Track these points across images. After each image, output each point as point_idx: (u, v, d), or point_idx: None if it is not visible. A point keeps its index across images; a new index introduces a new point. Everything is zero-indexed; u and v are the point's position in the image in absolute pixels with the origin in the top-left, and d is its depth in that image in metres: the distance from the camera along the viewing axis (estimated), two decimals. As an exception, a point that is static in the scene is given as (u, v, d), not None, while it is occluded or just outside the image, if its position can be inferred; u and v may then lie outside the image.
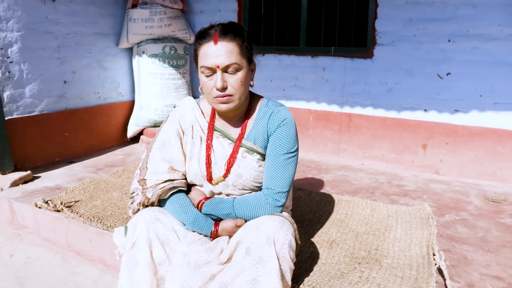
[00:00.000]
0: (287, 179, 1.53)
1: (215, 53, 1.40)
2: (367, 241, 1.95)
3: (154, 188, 1.56)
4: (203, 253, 1.42)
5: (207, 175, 1.57)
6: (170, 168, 1.59)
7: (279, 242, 1.36)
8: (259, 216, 1.49)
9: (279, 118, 1.54)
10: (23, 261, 2.26)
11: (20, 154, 2.91)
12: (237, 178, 1.55)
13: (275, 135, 1.54)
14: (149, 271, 1.45)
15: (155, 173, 1.57)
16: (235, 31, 1.45)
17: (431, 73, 2.95)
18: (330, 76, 3.34)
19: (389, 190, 2.71)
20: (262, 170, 1.56)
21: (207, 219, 1.51)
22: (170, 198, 1.57)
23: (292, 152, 1.55)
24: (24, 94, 2.91)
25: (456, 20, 2.80)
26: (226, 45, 1.41)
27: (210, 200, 1.56)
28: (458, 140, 2.94)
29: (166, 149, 1.60)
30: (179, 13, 3.71)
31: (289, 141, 1.54)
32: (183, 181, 1.60)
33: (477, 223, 2.22)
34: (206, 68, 1.43)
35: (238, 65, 1.42)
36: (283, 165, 1.52)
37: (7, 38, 2.75)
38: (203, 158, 1.58)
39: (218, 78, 1.41)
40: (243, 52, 1.44)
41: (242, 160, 1.55)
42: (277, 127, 1.54)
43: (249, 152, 1.56)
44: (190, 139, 1.60)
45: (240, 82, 1.45)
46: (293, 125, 1.57)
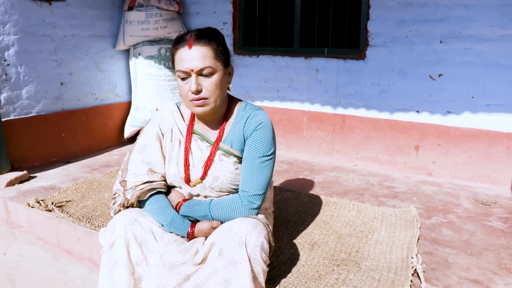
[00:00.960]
0: (263, 182, 1.55)
1: (189, 57, 1.45)
2: (349, 243, 1.96)
3: (134, 190, 1.59)
4: (178, 254, 1.45)
5: (185, 177, 1.60)
6: (149, 170, 1.62)
7: (250, 244, 1.38)
8: (234, 218, 1.52)
9: (255, 122, 1.57)
10: (16, 259, 2.32)
11: (17, 155, 2.98)
12: (214, 180, 1.58)
13: (251, 139, 1.57)
14: (127, 271, 1.49)
15: (135, 174, 1.61)
16: (210, 36, 1.49)
17: (423, 74, 2.94)
18: (324, 77, 3.35)
19: (378, 192, 2.72)
20: (239, 173, 1.58)
21: (184, 221, 1.54)
22: (149, 199, 1.60)
23: (268, 155, 1.57)
24: (21, 95, 2.98)
25: (448, 21, 2.79)
26: (200, 49, 1.44)
27: (187, 202, 1.59)
28: (450, 141, 2.93)
29: (146, 151, 1.64)
30: (175, 15, 3.75)
31: (265, 145, 1.56)
32: (162, 183, 1.64)
33: (464, 225, 2.22)
34: (181, 72, 1.47)
35: (212, 68, 1.45)
36: (258, 168, 1.55)
37: (4, 41, 2.82)
38: (181, 161, 1.61)
39: (193, 82, 1.45)
40: (217, 56, 1.47)
41: (219, 162, 1.58)
42: (253, 131, 1.56)
43: (225, 155, 1.59)
44: (169, 142, 1.64)
45: (215, 85, 1.48)
46: (269, 129, 1.59)
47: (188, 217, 1.57)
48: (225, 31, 3.74)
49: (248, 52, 3.68)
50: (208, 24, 3.76)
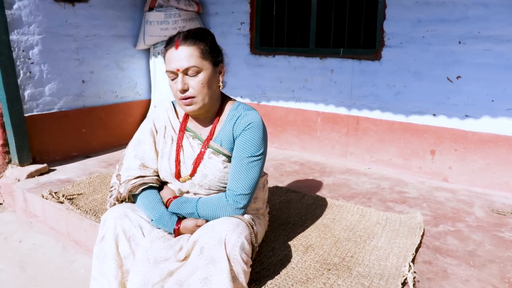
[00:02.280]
0: (250, 181, 1.56)
1: (175, 57, 1.49)
2: (345, 248, 1.93)
3: (126, 184, 1.66)
4: (163, 250, 1.48)
5: (175, 172, 1.64)
6: (141, 165, 1.68)
7: (230, 244, 1.39)
8: (219, 216, 1.54)
9: (245, 122, 1.58)
10: (29, 247, 2.46)
11: (39, 148, 3.14)
12: (203, 178, 1.60)
13: (240, 138, 1.58)
14: (115, 264, 1.54)
15: (127, 169, 1.68)
16: (197, 36, 1.53)
17: (440, 76, 2.83)
18: (338, 78, 3.29)
19: (387, 197, 2.64)
20: (228, 171, 1.60)
21: (172, 217, 1.58)
22: (141, 194, 1.66)
23: (257, 155, 1.58)
24: (44, 92, 3.14)
25: (467, 21, 2.66)
26: (186, 49, 1.48)
27: (177, 199, 1.62)
28: (468, 147, 2.80)
29: (140, 147, 1.70)
30: (194, 15, 3.81)
31: (254, 145, 1.57)
32: (155, 178, 1.68)
33: (471, 235, 2.12)
34: (169, 72, 1.53)
35: (197, 67, 1.49)
36: (246, 168, 1.56)
37: (29, 41, 2.98)
38: (173, 157, 1.65)
39: (179, 81, 1.50)
40: (204, 55, 1.50)
41: (208, 160, 1.60)
42: (242, 131, 1.57)
43: (215, 153, 1.61)
44: (162, 138, 1.69)
45: (201, 84, 1.50)
46: (259, 129, 1.60)
47: (178, 214, 1.61)
48: (242, 31, 3.76)
49: (264, 52, 3.69)
50: (226, 24, 3.85)
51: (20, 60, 2.94)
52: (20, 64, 2.94)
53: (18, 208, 2.84)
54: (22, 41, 2.94)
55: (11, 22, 2.84)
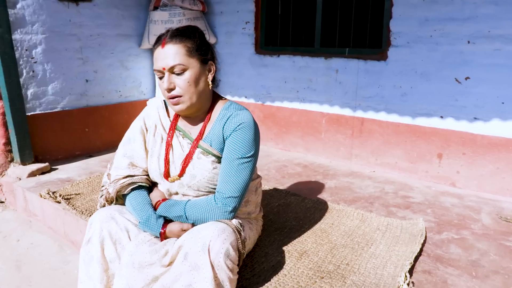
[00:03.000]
0: (240, 184, 1.51)
1: (162, 56, 1.46)
2: (341, 255, 1.86)
3: (115, 184, 1.63)
4: (147, 255, 1.45)
5: (164, 172, 1.60)
6: (130, 164, 1.65)
7: (214, 250, 1.34)
8: (208, 220, 1.50)
9: (235, 122, 1.54)
10: (27, 246, 2.46)
11: (42, 147, 3.15)
12: (191, 178, 1.56)
13: (230, 139, 1.54)
14: (100, 268, 1.51)
15: (116, 168, 1.66)
16: (184, 34, 1.50)
17: (448, 77, 2.73)
18: (343, 78, 3.21)
19: (391, 201, 2.56)
20: (217, 172, 1.56)
21: (158, 220, 1.54)
22: (129, 194, 1.63)
23: (247, 157, 1.53)
24: (47, 91, 3.15)
25: (477, 20, 2.56)
26: (172, 48, 1.46)
27: (165, 201, 1.58)
28: (477, 150, 2.69)
29: (129, 145, 1.67)
30: (199, 14, 3.78)
31: (244, 146, 1.52)
32: (144, 177, 1.65)
33: (476, 244, 2.02)
34: (156, 71, 1.50)
35: (183, 65, 1.46)
36: (236, 170, 1.51)
37: (32, 40, 2.99)
38: (162, 156, 1.62)
39: (165, 80, 1.47)
40: (190, 53, 1.47)
41: (197, 161, 1.56)
42: (233, 131, 1.53)
43: (204, 154, 1.57)
44: (152, 137, 1.66)
45: (187, 82, 1.47)
46: (250, 130, 1.55)
47: (166, 217, 1.57)
48: (247, 30, 3.72)
49: (269, 51, 3.63)
50: (231, 24, 3.80)
51: (23, 59, 2.95)
52: (23, 63, 2.96)
53: (18, 207, 2.85)
54: (26, 40, 2.95)
55: (15, 22, 2.86)
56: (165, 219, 1.54)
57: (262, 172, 3.11)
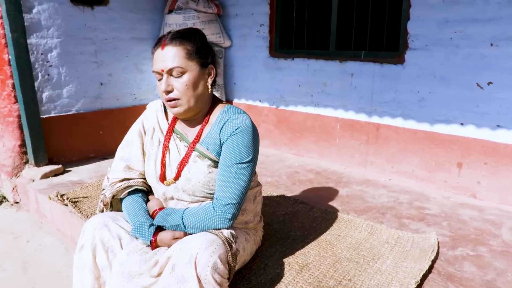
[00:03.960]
0: (238, 190, 1.47)
1: (161, 58, 1.45)
2: (344, 269, 1.77)
3: (112, 188, 1.62)
4: (137, 264, 1.42)
5: (160, 175, 1.58)
6: (127, 167, 1.65)
7: (201, 263, 1.29)
8: (207, 228, 1.46)
9: (232, 126, 1.49)
10: (35, 248, 2.49)
11: (57, 149, 3.20)
12: (187, 182, 1.53)
13: (227, 144, 1.50)
14: (91, 276, 1.49)
15: (113, 171, 1.66)
16: (184, 36, 1.47)
17: (469, 81, 2.57)
18: (359, 82, 3.10)
19: (404, 212, 2.43)
20: (213, 177, 1.52)
21: (151, 228, 1.50)
22: (125, 198, 1.62)
23: (245, 162, 1.48)
24: (62, 94, 3.20)
25: (500, 21, 2.40)
26: (171, 50, 1.44)
27: (162, 210, 1.55)
28: (499, 160, 2.52)
29: (127, 148, 1.67)
30: (213, 17, 3.76)
31: (242, 151, 1.48)
32: (140, 181, 1.64)
33: (493, 262, 1.88)
34: (155, 73, 1.49)
35: (182, 68, 1.43)
36: (234, 176, 1.47)
37: (47, 44, 3.04)
38: (159, 159, 1.60)
39: (163, 82, 1.46)
40: (190, 56, 1.45)
41: (193, 164, 1.53)
42: (230, 136, 1.49)
43: (200, 157, 1.54)
44: (149, 139, 1.65)
45: (186, 85, 1.45)
46: (248, 134, 1.50)
47: (163, 227, 1.53)
48: (262, 33, 3.66)
49: (283, 54, 3.56)
50: (246, 26, 3.76)
51: (38, 63, 3.00)
52: (39, 66, 3.01)
53: (31, 208, 2.90)
54: (41, 45, 3.01)
55: (30, 26, 2.91)
56: (157, 227, 1.51)
57: (272, 178, 3.04)
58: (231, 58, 3.98)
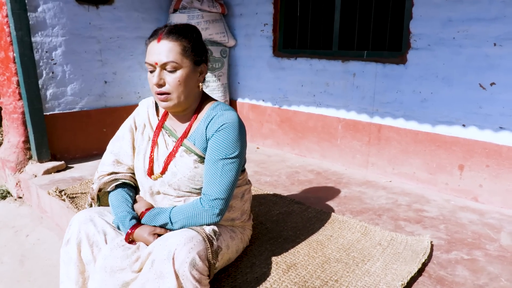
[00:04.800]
0: (225, 185, 1.48)
1: (156, 51, 1.45)
2: (332, 270, 1.74)
3: (99, 181, 1.65)
4: (119, 259, 1.43)
5: (148, 169, 1.60)
6: (115, 160, 1.68)
7: (179, 259, 1.30)
8: (196, 225, 1.48)
9: (219, 122, 1.51)
10: (34, 242, 2.54)
11: (60, 146, 3.26)
12: (173, 176, 1.55)
13: (213, 140, 1.51)
14: (76, 269, 1.52)
15: (102, 164, 1.70)
16: (181, 32, 1.48)
17: (472, 82, 2.51)
18: (361, 82, 3.06)
19: (401, 214, 2.39)
20: (199, 172, 1.54)
21: (132, 221, 1.51)
22: (112, 192, 1.64)
23: (231, 157, 1.49)
24: (66, 92, 3.25)
25: (504, 20, 2.33)
26: (167, 44, 1.45)
27: (150, 211, 1.55)
28: (502, 163, 2.45)
29: (118, 143, 1.70)
30: (218, 16, 3.76)
31: (228, 146, 1.49)
32: (128, 175, 1.67)
33: (488, 266, 1.83)
34: (148, 64, 1.49)
35: (177, 64, 1.44)
36: (221, 171, 1.48)
37: (52, 42, 3.10)
38: (148, 154, 1.63)
39: (155, 75, 1.47)
40: (185, 53, 1.46)
41: (179, 159, 1.55)
42: (216, 131, 1.50)
43: (187, 152, 1.56)
44: (140, 135, 1.67)
45: (178, 81, 1.46)
46: (234, 130, 1.51)
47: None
48: (266, 32, 3.65)
49: (287, 54, 3.54)
50: (250, 26, 3.76)
51: (43, 61, 3.06)
52: (43, 64, 3.07)
53: (33, 203, 2.96)
54: (46, 43, 3.06)
55: (35, 25, 2.97)
56: (139, 222, 1.52)
57: (272, 177, 3.03)
58: (235, 58, 3.99)
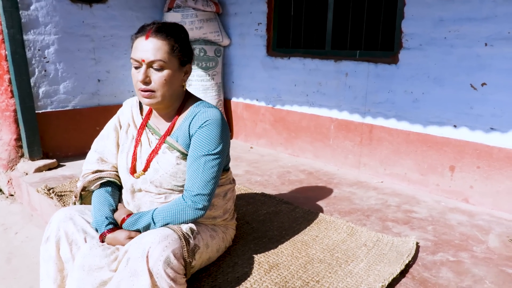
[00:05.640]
0: (207, 181, 1.49)
1: (143, 48, 1.44)
2: (315, 270, 1.73)
3: (84, 179, 1.65)
4: (97, 258, 1.42)
5: (131, 167, 1.60)
6: (100, 159, 1.68)
7: (153, 258, 1.29)
8: (181, 221, 1.48)
9: (202, 119, 1.51)
10: (22, 240, 2.54)
11: (52, 144, 3.26)
12: (155, 173, 1.54)
13: (196, 136, 1.51)
14: (54, 267, 1.51)
15: (86, 162, 1.70)
16: (170, 30, 1.47)
17: (463, 82, 2.49)
18: (353, 82, 3.04)
19: (390, 215, 2.37)
20: (181, 168, 1.54)
21: (108, 226, 1.51)
22: (96, 191, 1.65)
23: (213, 154, 1.50)
24: (59, 90, 3.25)
25: (496, 20, 2.31)
26: (156, 42, 1.43)
27: (130, 217, 1.53)
28: (492, 164, 2.43)
29: (102, 142, 1.71)
30: (212, 15, 3.76)
31: (210, 143, 1.49)
32: (113, 173, 1.67)
33: (473, 268, 1.81)
34: (134, 60, 1.47)
35: (164, 62, 1.43)
36: (203, 167, 1.48)
37: (45, 40, 3.10)
38: (131, 152, 1.62)
39: (141, 72, 1.45)
40: (172, 52, 1.45)
41: (162, 155, 1.55)
42: (199, 128, 1.51)
43: (169, 149, 1.56)
44: (124, 133, 1.68)
45: (164, 80, 1.45)
46: (217, 127, 1.51)
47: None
48: (260, 31, 3.64)
49: (280, 54, 3.53)
50: (244, 25, 3.75)
51: (35, 59, 3.07)
52: (36, 62, 3.07)
53: (24, 201, 2.96)
54: (38, 41, 3.07)
55: (28, 23, 2.98)
56: (116, 227, 1.51)
57: (263, 177, 3.01)
58: (230, 57, 3.98)
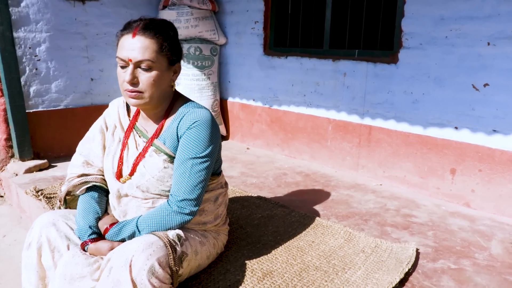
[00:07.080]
0: (194, 186, 1.41)
1: (130, 46, 1.34)
2: (310, 278, 1.66)
3: (69, 183, 1.57)
4: (79, 267, 1.35)
5: (117, 172, 1.52)
6: (85, 162, 1.60)
7: (136, 267, 1.22)
8: (167, 227, 1.41)
9: (190, 120, 1.43)
10: (10, 243, 2.46)
11: (44, 144, 3.18)
12: (141, 177, 1.47)
13: (183, 138, 1.43)
14: (35, 275, 1.45)
15: (71, 166, 1.62)
16: (158, 28, 1.37)
17: (464, 83, 2.42)
18: (351, 82, 2.97)
19: (389, 220, 2.30)
20: (169, 172, 1.45)
21: (91, 235, 1.43)
22: (81, 196, 1.57)
23: (202, 157, 1.42)
24: (50, 89, 3.18)
25: (498, 19, 2.24)
26: (143, 41, 1.33)
27: (114, 226, 1.45)
28: (495, 167, 2.36)
29: (87, 144, 1.63)
30: (208, 13, 3.68)
31: (198, 145, 1.41)
32: (99, 177, 1.59)
33: (475, 277, 1.73)
34: (119, 59, 1.37)
35: (152, 62, 1.34)
36: (190, 171, 1.40)
37: (36, 38, 3.03)
38: (117, 155, 1.54)
39: (128, 72, 1.35)
40: (161, 51, 1.36)
41: (149, 158, 1.47)
42: (187, 129, 1.42)
43: (156, 152, 1.47)
44: (110, 135, 1.59)
45: (152, 80, 1.37)
46: (206, 128, 1.43)
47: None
48: (256, 30, 3.57)
49: (277, 53, 3.46)
50: (241, 23, 3.67)
51: (26, 57, 2.99)
52: (26, 61, 3.00)
53: (14, 202, 2.88)
54: (29, 38, 2.99)
55: (18, 20, 2.90)
56: (100, 236, 1.44)
57: (258, 179, 2.94)
58: (226, 56, 3.90)
